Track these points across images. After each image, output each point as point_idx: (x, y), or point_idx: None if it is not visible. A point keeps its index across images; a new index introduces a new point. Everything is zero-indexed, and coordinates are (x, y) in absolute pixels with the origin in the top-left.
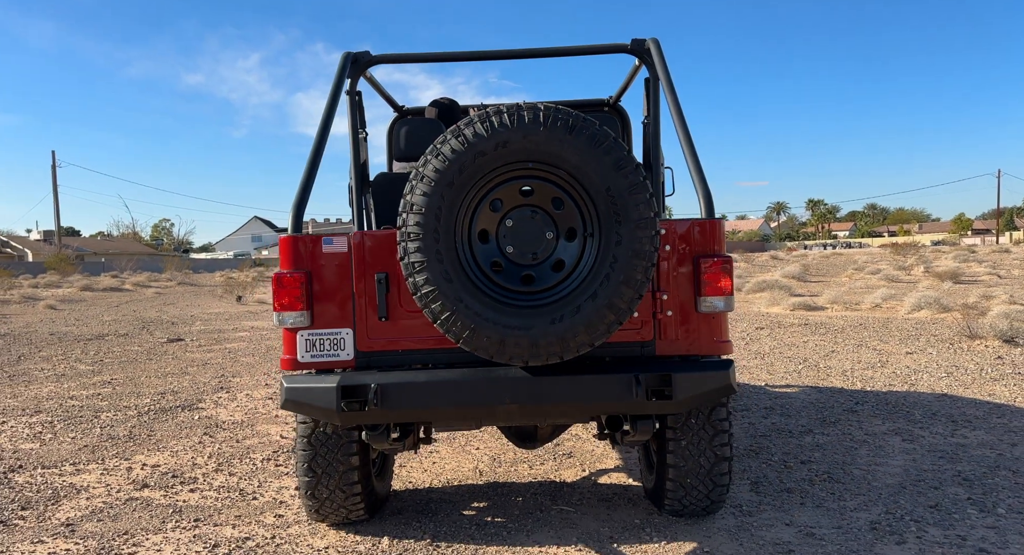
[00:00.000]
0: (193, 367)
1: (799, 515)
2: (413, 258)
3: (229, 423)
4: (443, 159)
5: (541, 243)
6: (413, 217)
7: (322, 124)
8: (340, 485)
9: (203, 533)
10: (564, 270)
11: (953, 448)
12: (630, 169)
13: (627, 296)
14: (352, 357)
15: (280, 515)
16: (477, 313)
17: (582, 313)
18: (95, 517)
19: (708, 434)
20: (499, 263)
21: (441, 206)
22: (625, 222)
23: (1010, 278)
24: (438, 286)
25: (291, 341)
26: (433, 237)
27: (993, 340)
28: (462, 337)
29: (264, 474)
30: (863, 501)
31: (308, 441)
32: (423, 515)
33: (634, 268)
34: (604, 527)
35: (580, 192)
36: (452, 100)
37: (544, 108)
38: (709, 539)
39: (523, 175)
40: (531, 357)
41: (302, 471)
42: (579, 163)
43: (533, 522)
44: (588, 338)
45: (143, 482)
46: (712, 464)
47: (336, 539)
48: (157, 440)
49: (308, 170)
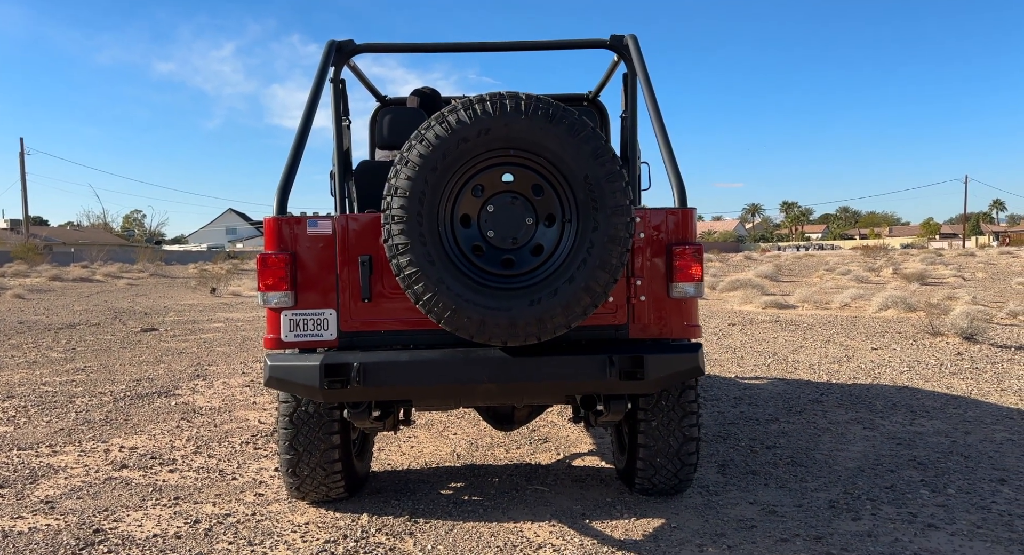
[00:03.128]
0: (168, 356)
1: (762, 495)
2: (397, 240)
3: (206, 409)
4: (427, 144)
5: (521, 228)
6: (397, 200)
7: (306, 111)
8: (321, 463)
9: (183, 510)
10: (543, 254)
11: (911, 436)
12: (607, 158)
13: (603, 280)
14: (335, 337)
15: (260, 494)
16: (458, 294)
17: (559, 295)
18: (74, 495)
19: (677, 415)
20: (480, 247)
21: (425, 190)
22: (602, 209)
23: (974, 280)
24: (421, 268)
25: (275, 321)
26: (416, 220)
27: (954, 337)
28: (443, 317)
29: (243, 456)
30: (823, 482)
31: (290, 419)
32: (402, 494)
33: (610, 253)
34: (577, 505)
35: (559, 179)
36: (434, 90)
37: (525, 97)
38: (676, 516)
39: (504, 162)
40: (510, 337)
41: (283, 449)
42: (558, 151)
43: (509, 500)
44: (565, 320)
45: (122, 463)
46: (680, 444)
47: (316, 516)
48: (134, 424)
49: (293, 154)
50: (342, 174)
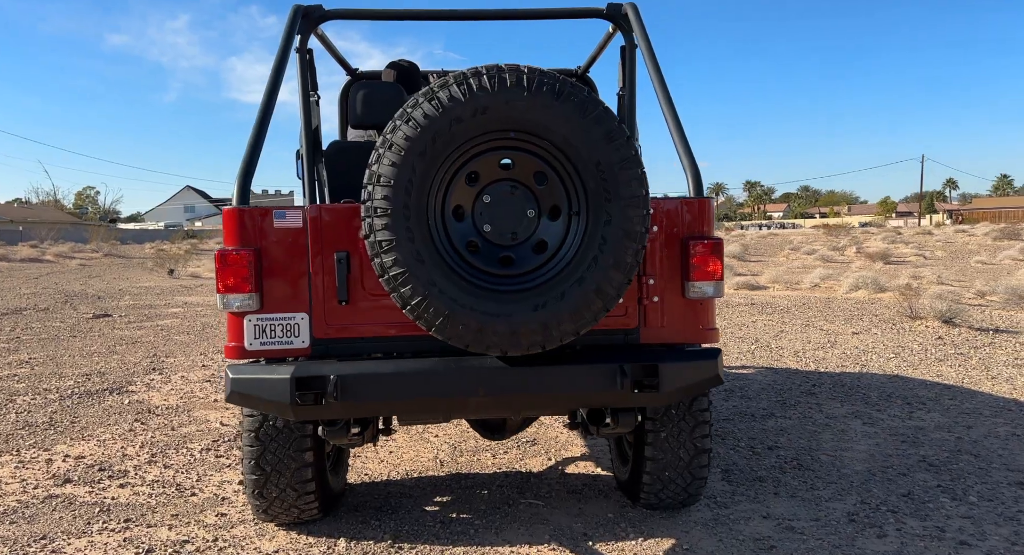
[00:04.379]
0: (122, 346)
1: (775, 506)
2: (380, 236)
3: (163, 408)
4: (414, 125)
5: (521, 222)
6: (380, 190)
7: (269, 85)
8: (292, 483)
9: (134, 536)
10: (547, 252)
11: (913, 432)
12: (622, 142)
13: (616, 281)
14: (308, 345)
15: (222, 513)
16: (452, 298)
17: (567, 299)
18: (6, 519)
19: (688, 426)
20: (475, 243)
21: (412, 178)
22: (615, 200)
23: (935, 259)
24: (408, 268)
25: (237, 326)
26: (403, 213)
27: (933, 321)
28: (435, 324)
29: (203, 466)
30: (836, 490)
31: (255, 436)
32: (382, 512)
33: (624, 250)
34: (576, 522)
35: (566, 166)
36: (412, 63)
37: (528, 70)
38: (687, 534)
39: (503, 146)
40: (510, 347)
41: (249, 469)
42: (566, 134)
43: (501, 518)
44: (573, 326)
45: (65, 477)
46: (692, 457)
47: (286, 541)
48: (82, 428)
49: (255, 135)
50: (311, 156)
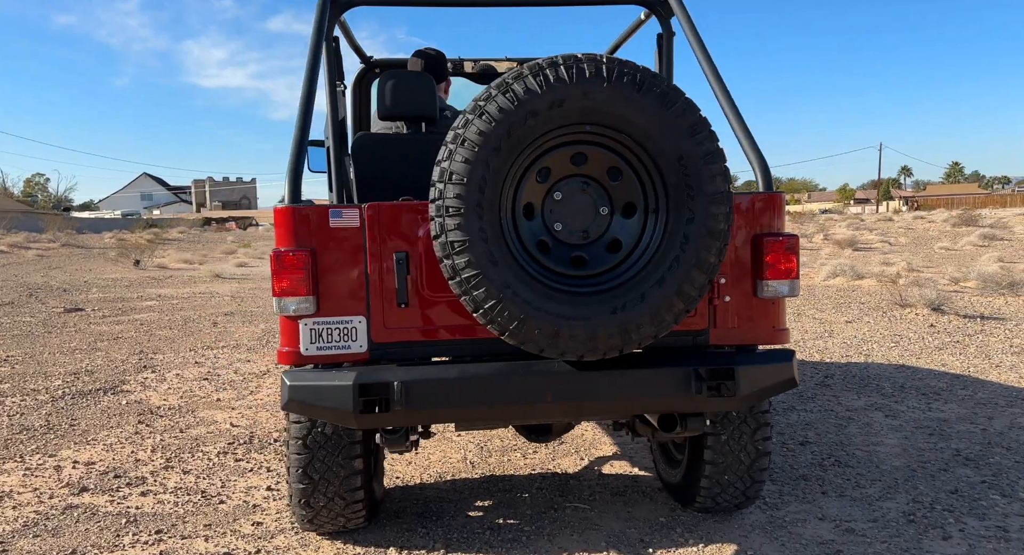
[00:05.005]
0: (103, 342)
1: (827, 507)
2: (452, 236)
3: (165, 409)
4: (488, 119)
5: (594, 220)
6: (453, 188)
7: (307, 76)
8: (340, 492)
9: (171, 548)
10: (621, 251)
11: (937, 424)
12: (705, 135)
13: (699, 282)
14: (365, 349)
15: (258, 522)
16: (526, 301)
17: (647, 301)
18: (29, 532)
19: (750, 428)
20: (546, 243)
21: (485, 175)
22: (699, 196)
23: (899, 245)
24: (482, 270)
25: (292, 331)
26: (476, 212)
27: (923, 308)
28: (508, 329)
29: (224, 471)
30: (883, 488)
31: (303, 443)
32: (425, 518)
33: (708, 249)
34: (630, 528)
35: (644, 161)
36: (438, 51)
37: (607, 60)
38: (747, 539)
39: (577, 140)
40: (588, 351)
41: (296, 477)
42: (647, 127)
43: (550, 523)
44: (653, 329)
45: (80, 485)
46: (753, 460)
47: (333, 551)
48: (83, 431)
49: (300, 129)
50: (338, 150)
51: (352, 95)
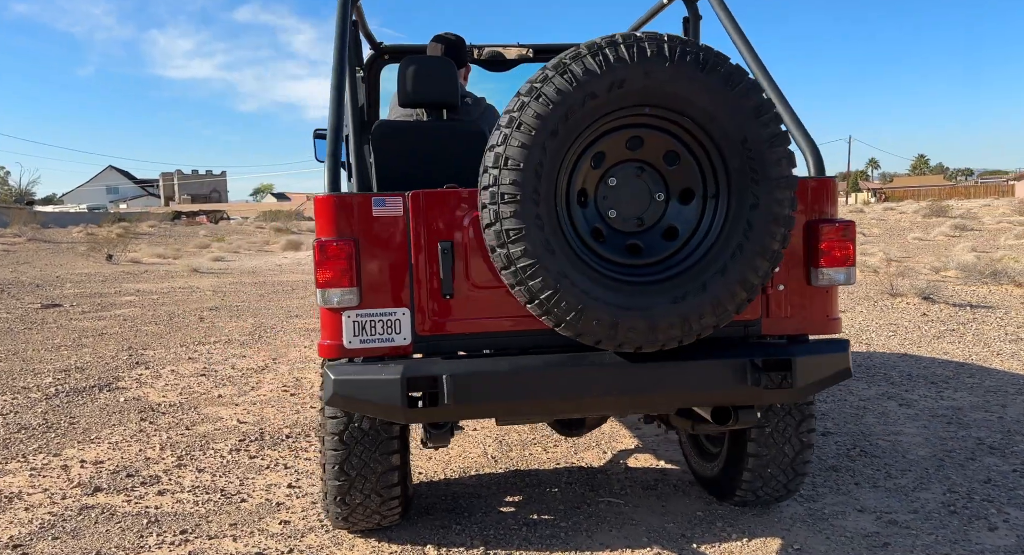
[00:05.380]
0: (88, 338)
1: (863, 498)
2: (508, 224)
3: (166, 406)
4: (545, 102)
5: (649, 206)
6: (508, 174)
7: (337, 61)
8: (377, 488)
9: (199, 549)
10: (679, 239)
11: (952, 412)
12: (770, 117)
13: (762, 270)
14: (409, 342)
15: (285, 521)
16: (584, 291)
17: (709, 291)
18: (47, 534)
19: (795, 420)
20: (600, 231)
21: (542, 161)
22: (763, 181)
23: (873, 236)
24: (539, 259)
25: (335, 323)
26: (532, 199)
27: (913, 297)
28: (565, 320)
29: (239, 469)
30: (915, 478)
31: (340, 439)
32: (457, 514)
33: (772, 236)
34: (668, 522)
35: (705, 144)
36: (458, 36)
37: (668, 39)
38: (789, 532)
39: (635, 123)
40: (647, 342)
41: (332, 474)
42: (710, 108)
43: (585, 519)
44: (715, 319)
45: (92, 484)
46: (797, 452)
47: (369, 550)
48: (84, 429)
49: (335, 115)
50: (358, 137)
51: (368, 80)
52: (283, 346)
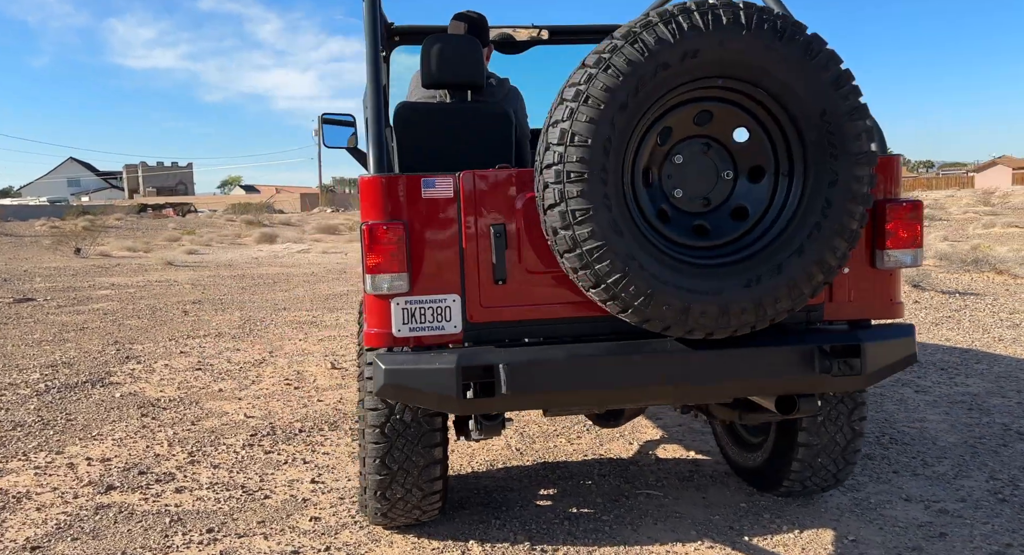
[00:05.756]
0: (69, 332)
1: (907, 486)
2: (574, 204)
3: (166, 401)
4: (615, 73)
5: (715, 185)
6: (575, 151)
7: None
8: (419, 482)
9: (230, 548)
10: (749, 219)
11: (969, 398)
12: (850, 89)
13: (840, 250)
14: (460, 330)
15: (315, 518)
16: (654, 275)
17: (785, 273)
18: (65, 535)
19: (847, 408)
20: (665, 211)
21: (611, 136)
22: (842, 156)
23: None
24: (607, 241)
25: (383, 310)
26: (600, 177)
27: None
28: (632, 305)
29: (256, 464)
30: (952, 466)
31: (382, 432)
32: (493, 509)
33: (851, 215)
34: (713, 515)
35: (780, 118)
36: (480, 14)
37: (745, 5)
38: (839, 522)
39: (705, 96)
40: (718, 328)
41: (373, 468)
42: (787, 80)
43: (626, 512)
44: (789, 304)
45: (104, 482)
46: (849, 441)
47: (410, 546)
48: (84, 426)
49: (374, 96)
50: (379, 119)
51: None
52: (277, 339)
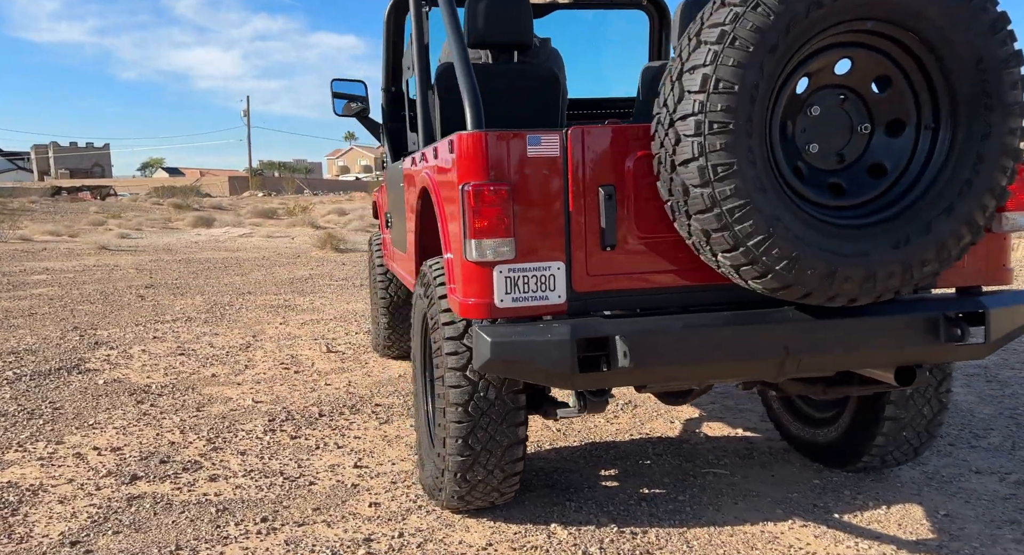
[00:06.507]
0: (16, 319)
1: (970, 459)
2: (716, 159)
3: (157, 387)
4: (766, 12)
5: (850, 139)
6: (720, 99)
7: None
8: (502, 463)
9: (295, 537)
10: (887, 176)
11: (982, 371)
12: (1007, 34)
13: (990, 209)
14: (564, 300)
15: (375, 503)
16: (799, 236)
17: (934, 233)
18: (103, 528)
19: (936, 379)
20: (800, 168)
21: (758, 83)
22: (997, 108)
23: None
24: (751, 199)
25: (484, 279)
26: (745, 129)
27: None
28: (774, 270)
29: (287, 450)
30: (1003, 437)
31: (465, 410)
32: (561, 490)
33: (1002, 171)
34: (791, 492)
35: (929, 66)
36: None
37: None
38: (920, 496)
39: (850, 41)
40: (862, 294)
41: (456, 449)
42: (943, 23)
43: (700, 492)
44: (936, 265)
45: (125, 472)
46: (935, 413)
47: (488, 531)
48: (76, 414)
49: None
50: (424, 80)
51: (385, 28)
52: (254, 323)
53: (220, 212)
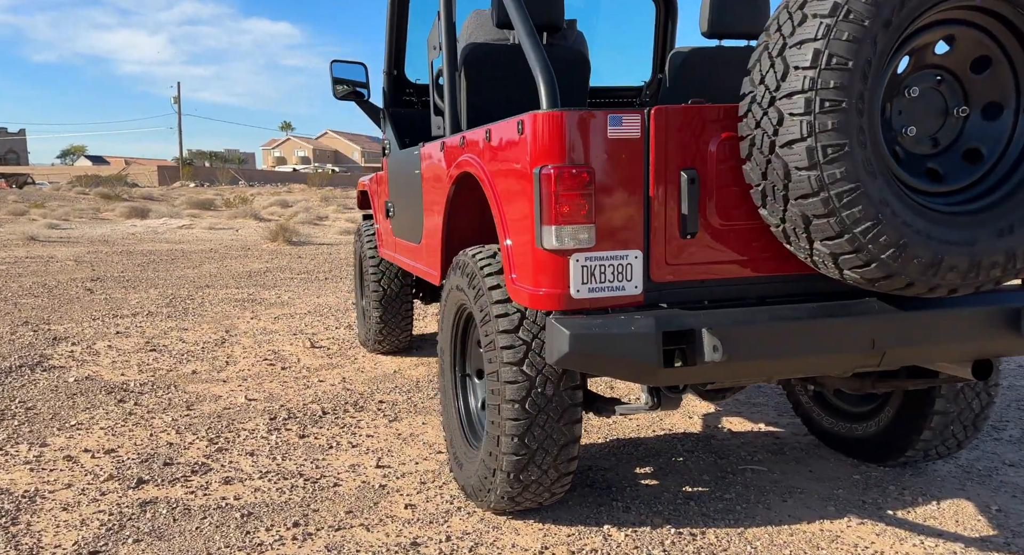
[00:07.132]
0: None
1: (999, 452)
2: (826, 139)
3: (135, 385)
4: None
5: (944, 123)
6: (832, 76)
7: None
8: (557, 462)
9: (335, 543)
10: (985, 161)
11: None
12: None
13: None
14: (640, 290)
15: (409, 504)
16: (907, 223)
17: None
18: (120, 536)
19: None
20: (897, 152)
21: (871, 60)
22: None
23: None
24: (861, 183)
25: (559, 269)
26: (857, 108)
27: None
28: (879, 259)
29: (298, 450)
30: (1021, 431)
31: (523, 407)
32: (602, 491)
33: None
34: (837, 489)
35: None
36: None
37: None
38: (964, 491)
39: (956, 17)
40: (963, 284)
41: (511, 448)
42: None
43: (744, 489)
44: None
45: (128, 476)
46: (983, 407)
47: (539, 532)
48: (53, 415)
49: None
50: (452, 62)
51: (388, 9)
52: (222, 318)
53: (153, 203)
